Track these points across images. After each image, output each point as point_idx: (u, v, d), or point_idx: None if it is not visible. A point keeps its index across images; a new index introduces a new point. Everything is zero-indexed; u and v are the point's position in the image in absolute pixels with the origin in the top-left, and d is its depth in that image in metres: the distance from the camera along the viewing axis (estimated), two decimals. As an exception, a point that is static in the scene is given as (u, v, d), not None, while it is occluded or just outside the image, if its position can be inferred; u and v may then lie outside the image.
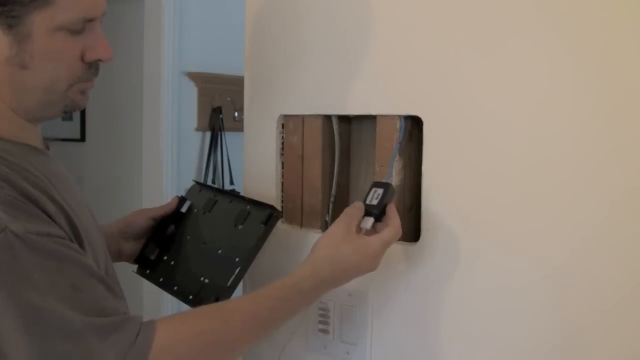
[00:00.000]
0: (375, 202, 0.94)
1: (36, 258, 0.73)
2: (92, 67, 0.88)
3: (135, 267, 1.21)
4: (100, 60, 0.88)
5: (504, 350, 0.92)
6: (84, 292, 0.76)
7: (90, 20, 0.85)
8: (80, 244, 0.83)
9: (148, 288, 2.79)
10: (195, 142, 3.13)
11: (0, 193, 0.75)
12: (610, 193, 0.83)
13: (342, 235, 0.90)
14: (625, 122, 0.81)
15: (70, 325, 0.73)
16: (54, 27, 0.81)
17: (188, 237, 1.17)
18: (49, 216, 0.78)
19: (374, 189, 0.96)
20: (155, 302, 2.85)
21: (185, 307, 1.05)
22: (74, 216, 0.84)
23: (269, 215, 1.04)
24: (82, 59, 0.86)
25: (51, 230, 0.77)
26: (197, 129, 3.11)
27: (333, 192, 1.13)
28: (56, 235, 0.77)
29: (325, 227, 1.13)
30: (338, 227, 0.92)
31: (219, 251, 1.08)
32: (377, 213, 0.94)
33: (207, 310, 0.86)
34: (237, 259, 1.03)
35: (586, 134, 0.84)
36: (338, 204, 1.13)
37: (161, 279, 1.14)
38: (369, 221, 0.94)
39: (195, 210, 1.20)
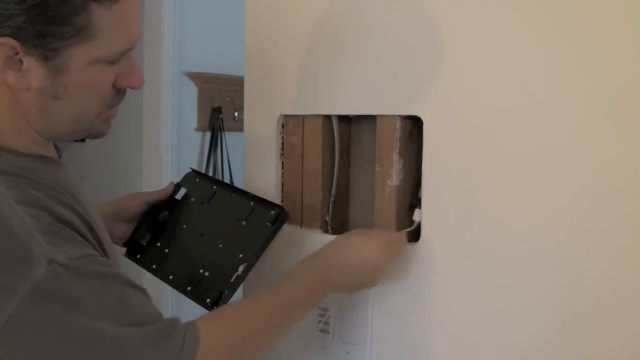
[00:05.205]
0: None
1: (82, 283, 0.74)
2: (121, 92, 0.86)
3: (123, 250, 1.19)
4: (131, 87, 0.86)
5: (504, 349, 0.92)
6: (129, 304, 0.78)
7: (128, 50, 0.82)
8: (104, 252, 0.84)
9: (148, 283, 2.79)
10: (195, 142, 3.12)
11: (39, 222, 0.74)
12: (610, 190, 0.83)
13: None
14: (624, 121, 0.81)
15: (126, 340, 0.74)
16: (92, 60, 0.78)
17: (184, 226, 1.15)
18: (82, 236, 0.79)
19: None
20: (154, 295, 2.84)
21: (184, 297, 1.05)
22: (94, 225, 0.84)
23: (277, 216, 1.04)
24: (113, 84, 0.83)
25: (88, 251, 0.78)
26: (197, 129, 3.11)
27: (333, 192, 1.13)
28: (92, 255, 0.78)
29: (325, 227, 1.13)
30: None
31: (220, 245, 1.07)
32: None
33: (240, 306, 0.90)
34: (240, 255, 1.02)
35: (586, 131, 0.84)
36: (338, 203, 1.13)
37: (154, 266, 1.12)
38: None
39: (193, 200, 1.18)
